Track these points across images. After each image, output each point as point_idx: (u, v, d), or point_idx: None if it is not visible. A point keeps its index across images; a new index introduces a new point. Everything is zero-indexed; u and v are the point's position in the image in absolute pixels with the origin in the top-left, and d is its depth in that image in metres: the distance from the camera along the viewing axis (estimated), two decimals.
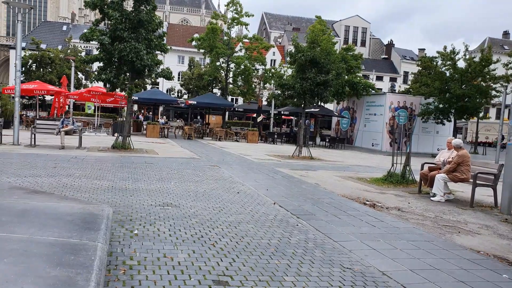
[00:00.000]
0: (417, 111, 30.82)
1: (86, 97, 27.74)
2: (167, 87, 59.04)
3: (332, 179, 11.76)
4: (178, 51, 61.87)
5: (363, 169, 15.16)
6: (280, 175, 11.72)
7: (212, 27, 29.14)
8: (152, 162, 12.62)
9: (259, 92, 51.32)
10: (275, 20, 76.65)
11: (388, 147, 30.47)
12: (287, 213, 6.91)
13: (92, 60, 15.38)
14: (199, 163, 13.42)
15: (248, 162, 14.69)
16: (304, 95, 17.41)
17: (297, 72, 17.93)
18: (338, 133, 36.08)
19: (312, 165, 15.31)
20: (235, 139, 29.90)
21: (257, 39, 31.30)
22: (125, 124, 16.12)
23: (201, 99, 29.02)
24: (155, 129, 26.33)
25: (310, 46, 17.54)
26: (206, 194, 8.02)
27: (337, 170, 14.05)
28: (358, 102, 33.37)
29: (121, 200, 6.86)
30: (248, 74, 30.11)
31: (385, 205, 8.41)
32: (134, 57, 14.78)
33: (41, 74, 34.00)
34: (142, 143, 20.45)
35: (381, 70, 66.91)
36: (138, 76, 16.22)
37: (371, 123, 32.03)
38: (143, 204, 6.69)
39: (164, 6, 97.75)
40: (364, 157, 21.97)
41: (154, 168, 11.15)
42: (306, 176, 11.82)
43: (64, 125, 15.41)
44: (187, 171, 11.07)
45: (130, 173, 10.03)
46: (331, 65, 17.39)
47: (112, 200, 6.84)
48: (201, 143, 23.59)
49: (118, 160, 12.43)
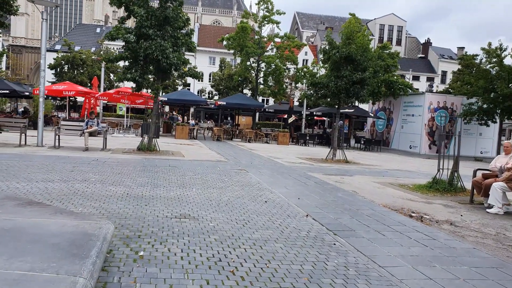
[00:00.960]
0: (459, 111, 29.03)
1: (115, 98, 27.60)
2: (198, 88, 58.86)
3: (371, 185, 10.68)
4: (209, 52, 61.58)
5: (403, 174, 13.95)
6: (312, 180, 10.75)
7: (242, 26, 28.38)
8: (176, 165, 11.91)
9: (290, 92, 50.28)
10: (307, 19, 75.33)
11: (427, 150, 28.86)
12: (322, 228, 5.96)
13: (117, 59, 14.86)
14: (226, 166, 12.62)
15: (278, 166, 13.78)
16: (339, 95, 16.33)
17: (331, 70, 16.88)
18: (374, 135, 34.57)
19: (347, 169, 14.22)
20: (265, 140, 29.03)
21: (288, 38, 30.31)
22: (150, 125, 15.53)
23: (230, 100, 28.30)
24: (184, 130, 25.80)
25: (345, 42, 16.45)
26: (230, 203, 7.16)
27: (375, 176, 12.93)
28: (395, 103, 31.80)
29: (133, 211, 6.10)
30: (279, 73, 29.12)
31: (434, 217, 7.32)
32: (160, 55, 14.15)
33: (72, 75, 34.21)
34: (170, 144, 19.89)
35: (418, 70, 64.37)
36: (164, 76, 15.60)
37: (409, 125, 30.43)
38: (157, 216, 5.90)
39: (196, 7, 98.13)
40: (402, 161, 20.62)
41: (177, 172, 10.41)
42: (342, 183, 10.79)
43: (88, 126, 14.96)
44: (212, 176, 10.27)
45: (151, 177, 9.32)
46: (368, 62, 16.22)
47: (123, 211, 6.09)
48: (230, 145, 22.85)
49: (140, 163, 11.79)
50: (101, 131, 15.21)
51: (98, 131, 15.18)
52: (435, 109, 29.19)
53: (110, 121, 28.43)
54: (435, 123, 29.23)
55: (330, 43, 16.59)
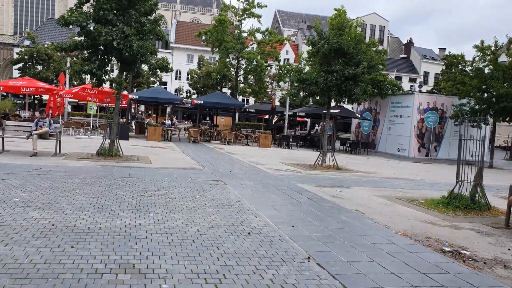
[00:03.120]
0: (449, 112, 27.62)
1: (81, 96, 25.07)
2: (175, 87, 56.39)
3: (375, 202, 8.76)
4: (187, 49, 59.20)
5: (405, 184, 12.11)
6: (305, 196, 8.76)
7: (220, 19, 26.26)
8: (138, 175, 9.75)
9: (271, 92, 48.36)
10: (288, 18, 73.64)
11: (416, 153, 27.34)
12: (335, 284, 3.96)
13: (71, 47, 12.52)
14: (199, 176, 10.52)
15: (262, 175, 11.75)
16: (329, 92, 14.44)
17: (320, 64, 14.98)
18: (359, 137, 32.93)
19: (341, 178, 12.30)
20: (245, 142, 26.98)
21: (270, 33, 28.31)
22: (112, 126, 13.30)
23: (208, 99, 26.10)
24: (156, 131, 23.52)
25: (336, 33, 14.57)
26: (198, 238, 5.09)
27: (376, 187, 11.03)
28: (382, 103, 30.20)
29: (46, 260, 3.96)
30: (261, 70, 27.07)
31: (476, 254, 5.42)
32: (121, 44, 11.95)
33: (37, 71, 31.40)
34: (139, 147, 17.66)
35: (400, 70, 63.32)
36: (128, 68, 13.38)
37: (397, 126, 28.87)
38: (81, 271, 3.79)
39: (174, 5, 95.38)
40: (395, 166, 18.88)
41: (135, 186, 8.27)
42: (341, 198, 8.84)
43: (38, 127, 12.63)
44: (180, 191, 8.16)
45: (98, 195, 7.16)
46: (362, 55, 14.38)
47: (30, 260, 3.94)
48: (207, 148, 20.71)
49: (93, 173, 9.59)
50: (53, 133, 12.89)
51: (50, 132, 12.86)
52: (424, 110, 27.71)
53: (76, 121, 25.93)
54: (424, 125, 27.74)
55: (319, 34, 14.67)
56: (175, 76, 59.02)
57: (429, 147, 27.91)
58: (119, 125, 13.80)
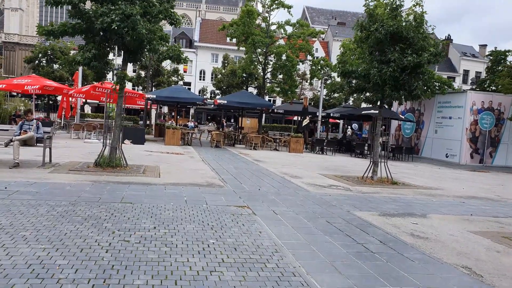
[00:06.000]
0: (508, 113, 24.14)
1: (94, 96, 22.91)
2: (199, 88, 54.11)
3: (477, 244, 5.84)
4: (211, 48, 56.95)
5: (491, 208, 9.07)
6: (373, 235, 5.90)
7: (247, 9, 23.58)
8: (134, 198, 7.12)
9: (301, 92, 45.41)
10: (317, 14, 70.46)
11: (469, 159, 23.91)
12: None
13: (61, 31, 10.05)
14: (219, 198, 7.81)
15: (302, 195, 8.94)
16: (383, 87, 11.50)
17: (370, 53, 12.07)
18: (399, 140, 29.62)
19: (405, 199, 9.35)
20: (273, 147, 24.22)
21: (302, 25, 25.47)
22: (113, 131, 10.77)
23: (232, 98, 23.44)
24: (175, 134, 21.04)
25: (391, 14, 11.64)
26: None
27: (459, 214, 8.04)
28: (427, 103, 26.85)
29: None
30: (292, 66, 24.24)
31: None
32: (122, 27, 9.39)
33: (51, 70, 29.49)
34: (153, 154, 15.18)
35: (438, 69, 59.22)
36: (133, 57, 10.79)
37: (445, 129, 25.49)
38: None
39: (199, 4, 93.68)
40: (453, 176, 15.73)
41: (123, 220, 5.62)
42: (425, 238, 5.95)
43: (21, 132, 10.23)
44: (187, 229, 5.46)
45: (55, 242, 4.53)
46: (425, 41, 11.41)
47: None
48: (231, 154, 18.04)
49: (75, 195, 7.01)
50: (41, 139, 10.44)
51: (38, 138, 10.42)
52: (478, 111, 24.26)
53: (89, 124, 23.74)
54: (478, 127, 24.28)
55: (371, 15, 11.76)
56: (199, 76, 56.88)
57: (484, 153, 24.43)
58: (121, 129, 11.28)
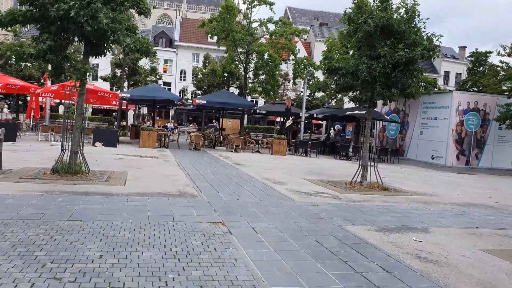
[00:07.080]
0: (493, 114, 23.62)
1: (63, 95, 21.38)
2: (180, 88, 52.64)
3: (493, 266, 4.88)
4: (192, 48, 55.56)
5: (494, 217, 8.19)
6: (372, 259, 4.88)
7: (227, 5, 22.48)
8: (86, 214, 5.96)
9: (283, 92, 44.49)
10: (300, 14, 69.74)
11: (455, 161, 23.28)
12: None
13: (8, 20, 8.79)
14: (188, 212, 6.70)
15: (286, 205, 7.88)
16: (373, 84, 10.56)
17: (359, 48, 11.14)
18: (384, 142, 28.91)
19: (400, 208, 8.40)
20: (255, 149, 23.18)
21: (284, 23, 24.48)
22: (74, 133, 9.57)
23: (212, 98, 22.28)
24: (150, 136, 19.78)
25: (381, 6, 10.73)
26: None
27: (463, 226, 7.11)
28: (412, 103, 26.17)
29: None
30: (274, 65, 23.23)
31: None
32: (82, 16, 8.21)
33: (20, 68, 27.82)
34: (123, 157, 13.95)
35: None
36: (95, 50, 9.61)
37: (431, 130, 24.84)
38: None
39: (180, 4, 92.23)
40: (443, 180, 14.95)
41: (62, 247, 4.47)
42: (434, 262, 4.96)
43: None
44: (142, 258, 4.33)
45: None
46: (418, 35, 10.54)
47: None
48: (210, 157, 16.91)
49: (14, 211, 5.81)
50: None
51: None
52: (464, 111, 23.67)
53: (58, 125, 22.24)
54: (464, 128, 23.68)
55: (359, 6, 10.82)
56: (180, 76, 55.49)
57: (470, 154, 23.86)
58: (83, 131, 10.08)
